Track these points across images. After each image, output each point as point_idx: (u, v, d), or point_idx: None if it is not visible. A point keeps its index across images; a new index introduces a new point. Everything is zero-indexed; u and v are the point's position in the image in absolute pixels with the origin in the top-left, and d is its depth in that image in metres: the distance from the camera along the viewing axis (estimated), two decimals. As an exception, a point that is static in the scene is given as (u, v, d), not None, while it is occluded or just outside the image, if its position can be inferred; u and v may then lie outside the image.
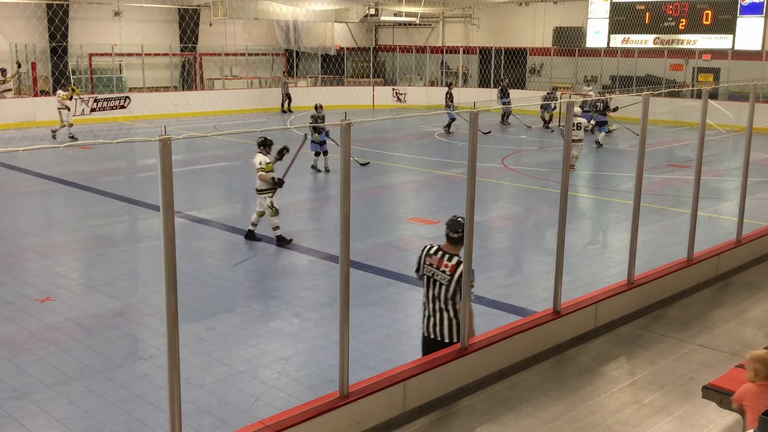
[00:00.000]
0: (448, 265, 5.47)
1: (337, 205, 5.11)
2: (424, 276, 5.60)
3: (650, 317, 7.97)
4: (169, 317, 4.25)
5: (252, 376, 6.44)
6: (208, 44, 30.35)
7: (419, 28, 35.15)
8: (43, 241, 10.88)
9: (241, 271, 9.47)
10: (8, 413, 5.79)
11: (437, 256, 5.54)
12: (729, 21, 26.44)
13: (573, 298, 7.64)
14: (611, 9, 29.09)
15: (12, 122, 22.56)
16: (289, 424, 4.97)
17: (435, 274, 5.52)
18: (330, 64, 33.53)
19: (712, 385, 5.34)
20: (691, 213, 8.92)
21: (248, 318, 7.81)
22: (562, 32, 30.73)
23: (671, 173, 16.78)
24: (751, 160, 9.83)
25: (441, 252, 5.55)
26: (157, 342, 7.10)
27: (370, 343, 7.08)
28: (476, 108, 5.89)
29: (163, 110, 25.45)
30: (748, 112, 9.42)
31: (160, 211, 4.13)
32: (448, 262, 5.48)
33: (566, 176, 6.93)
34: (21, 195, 14.40)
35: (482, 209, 12.53)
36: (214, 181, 16.32)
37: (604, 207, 13.95)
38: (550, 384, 6.32)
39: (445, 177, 16.40)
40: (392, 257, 10.11)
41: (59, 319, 7.68)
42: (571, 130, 7.40)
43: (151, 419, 5.70)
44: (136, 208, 13.08)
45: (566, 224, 7.05)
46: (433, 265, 5.53)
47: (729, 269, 9.42)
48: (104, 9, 26.96)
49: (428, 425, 5.64)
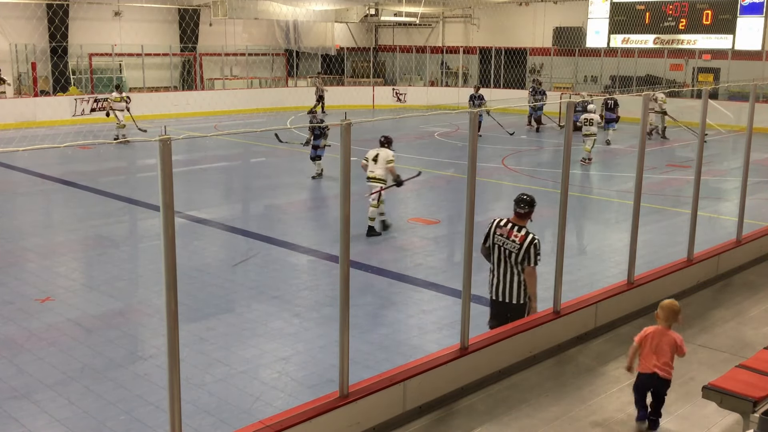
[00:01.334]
0: (517, 236, 6.23)
1: (336, 206, 5.11)
2: (493, 245, 6.30)
3: (650, 317, 7.94)
4: (169, 317, 4.25)
5: (252, 376, 6.44)
6: (208, 44, 30.36)
7: (419, 28, 35.15)
8: (43, 241, 10.88)
9: (241, 271, 9.47)
10: (8, 413, 5.79)
11: (507, 227, 6.29)
12: (729, 21, 26.44)
13: (573, 298, 7.64)
14: (611, 9, 29.09)
15: (12, 122, 22.56)
16: (289, 424, 4.97)
17: (505, 243, 6.25)
18: (330, 64, 33.54)
19: (712, 385, 5.33)
20: (691, 213, 8.92)
21: (248, 318, 7.80)
22: (562, 32, 30.73)
23: (671, 173, 16.79)
24: (751, 160, 9.83)
25: (510, 224, 6.30)
26: (157, 342, 7.10)
27: (370, 343, 7.08)
28: (476, 109, 5.89)
29: (163, 110, 25.44)
30: (748, 112, 9.42)
31: (160, 211, 4.13)
32: (517, 233, 6.24)
33: (566, 176, 6.93)
34: (21, 195, 14.40)
35: (482, 209, 12.52)
36: (214, 181, 16.32)
37: (604, 207, 13.94)
38: (550, 384, 6.32)
39: (445, 177, 16.39)
40: (392, 257, 10.10)
41: (59, 319, 7.68)
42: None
43: (151, 419, 5.70)
44: (136, 208, 13.08)
45: (566, 224, 7.06)
46: (504, 236, 6.27)
47: (729, 269, 9.42)
48: (104, 9, 26.96)
49: (428, 425, 5.64)
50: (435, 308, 8.14)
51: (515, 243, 6.21)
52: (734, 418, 5.48)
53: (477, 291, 7.88)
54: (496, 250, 6.30)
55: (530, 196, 6.38)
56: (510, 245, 6.23)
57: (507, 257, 6.25)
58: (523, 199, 6.31)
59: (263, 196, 14.60)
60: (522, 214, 6.30)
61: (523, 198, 6.32)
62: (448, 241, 10.88)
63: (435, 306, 8.22)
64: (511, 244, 6.22)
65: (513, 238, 6.23)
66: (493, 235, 6.31)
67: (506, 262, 6.26)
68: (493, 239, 6.32)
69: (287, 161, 18.62)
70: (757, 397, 5.11)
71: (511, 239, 6.23)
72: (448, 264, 9.63)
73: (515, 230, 6.26)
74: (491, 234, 6.33)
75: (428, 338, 7.22)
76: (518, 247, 6.20)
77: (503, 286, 6.33)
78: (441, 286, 8.77)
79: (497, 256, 6.30)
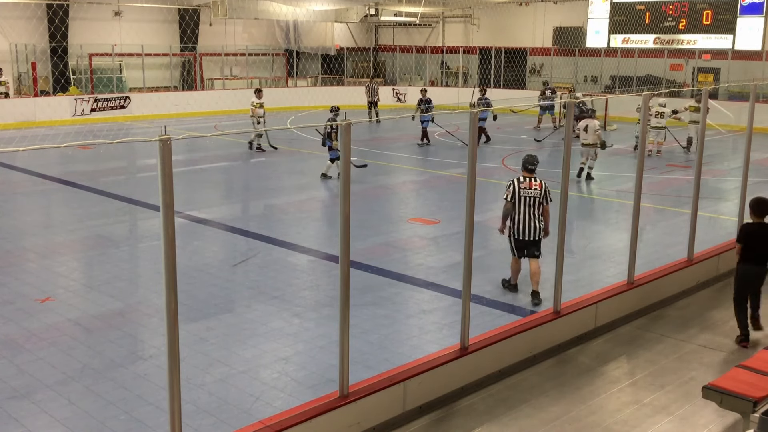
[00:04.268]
0: (535, 185, 8.13)
1: (337, 206, 5.11)
2: (520, 198, 8.07)
3: (650, 317, 7.97)
4: (169, 317, 4.25)
5: (252, 376, 6.44)
6: (208, 44, 30.36)
7: (419, 28, 35.15)
8: (43, 241, 10.88)
9: (241, 271, 9.47)
10: (8, 413, 5.79)
11: (527, 181, 8.15)
12: (729, 21, 26.44)
13: (573, 298, 7.64)
14: (611, 9, 29.09)
15: (12, 122, 22.56)
16: (289, 424, 4.98)
17: (529, 193, 8.09)
18: (330, 64, 33.53)
19: (712, 385, 5.34)
20: (691, 213, 8.92)
21: (248, 318, 7.80)
22: (562, 32, 30.73)
23: (671, 173, 16.78)
24: (751, 160, 9.84)
25: (527, 178, 8.17)
26: (157, 342, 7.10)
27: (370, 343, 7.08)
28: (476, 109, 5.89)
29: (163, 110, 25.44)
30: (748, 112, 9.43)
31: (161, 211, 4.13)
32: (534, 183, 8.15)
33: (566, 176, 6.94)
34: (21, 195, 14.40)
35: (482, 209, 12.52)
36: (214, 181, 16.32)
37: (605, 207, 13.94)
38: (550, 384, 6.32)
39: (445, 177, 16.40)
40: (392, 257, 10.10)
41: (59, 319, 7.68)
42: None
43: (151, 419, 5.70)
44: (136, 208, 13.08)
45: (566, 224, 7.06)
46: (527, 188, 8.11)
47: (729, 269, 9.41)
48: (104, 9, 26.96)
49: (428, 425, 5.64)
50: (435, 308, 8.14)
51: (538, 191, 8.10)
52: (734, 418, 5.48)
53: (477, 291, 7.90)
54: (522, 201, 8.09)
55: (535, 155, 8.37)
56: (534, 193, 8.09)
57: (532, 204, 8.08)
58: (532, 159, 8.31)
59: (263, 196, 14.60)
60: (532, 170, 8.23)
61: (532, 158, 8.34)
62: (448, 241, 10.88)
63: (435, 306, 8.22)
64: (534, 192, 8.09)
65: (535, 187, 8.11)
66: (518, 190, 8.09)
67: (531, 207, 8.08)
68: (520, 193, 8.09)
69: (287, 161, 18.62)
70: (757, 397, 5.12)
71: (533, 188, 8.10)
72: (448, 264, 9.63)
73: (533, 181, 8.15)
74: (517, 190, 8.09)
75: (428, 338, 7.22)
76: (540, 193, 8.10)
77: (530, 227, 8.10)
78: (441, 286, 8.76)
79: (524, 205, 8.09)
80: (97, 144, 4.50)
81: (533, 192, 8.08)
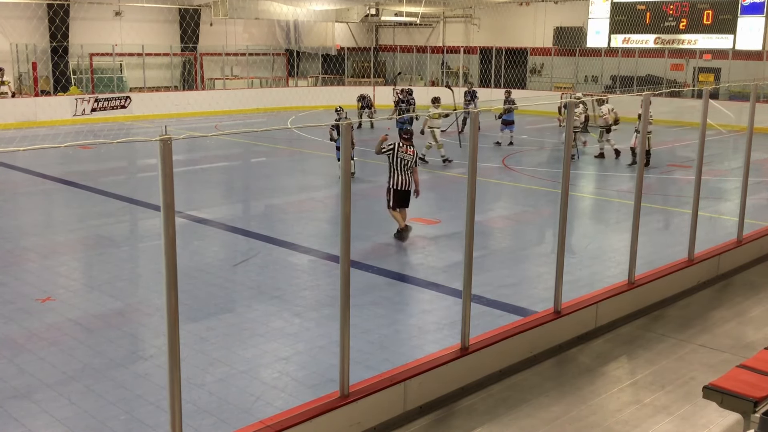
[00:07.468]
0: (409, 151, 10.58)
1: (337, 205, 5.11)
2: (398, 159, 10.48)
3: (651, 317, 7.97)
4: (169, 316, 4.25)
5: (252, 376, 6.44)
6: (209, 44, 30.36)
7: (420, 28, 35.15)
8: (43, 241, 10.88)
9: (242, 271, 9.47)
10: (9, 413, 5.79)
11: (404, 147, 10.56)
12: (730, 21, 26.44)
13: (573, 298, 7.64)
14: (612, 9, 29.09)
15: (12, 122, 22.57)
16: (290, 424, 4.98)
17: (405, 157, 10.50)
18: (330, 64, 33.53)
19: (712, 385, 5.33)
20: (691, 213, 8.92)
21: (249, 318, 7.80)
22: (563, 32, 30.73)
23: (672, 173, 16.78)
24: (751, 160, 9.84)
25: (405, 145, 10.61)
26: (158, 342, 7.10)
27: (371, 343, 7.07)
28: (477, 108, 5.89)
29: (163, 110, 25.45)
30: (749, 112, 9.42)
31: (161, 211, 4.13)
32: (410, 149, 10.60)
33: (566, 176, 6.93)
34: (21, 195, 14.40)
35: (483, 209, 12.52)
36: (215, 181, 16.32)
37: (605, 207, 13.94)
38: (550, 384, 6.32)
39: (445, 177, 16.40)
40: (392, 257, 10.10)
41: (60, 319, 7.68)
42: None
43: (151, 419, 5.70)
44: (136, 208, 13.08)
45: (567, 224, 7.06)
46: (404, 152, 10.53)
47: (730, 269, 9.42)
48: (105, 9, 26.97)
49: (428, 425, 5.64)
50: (435, 308, 8.14)
51: (411, 156, 10.56)
52: (735, 418, 5.48)
53: (477, 291, 7.90)
54: (400, 162, 10.48)
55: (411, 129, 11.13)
56: (408, 158, 10.52)
57: (406, 165, 10.52)
58: (408, 130, 10.93)
59: (263, 196, 14.60)
60: (407, 139, 10.67)
61: (409, 129, 11.01)
62: (448, 241, 10.88)
63: (435, 306, 8.22)
64: (409, 157, 10.53)
65: (410, 153, 10.55)
66: (397, 152, 10.49)
67: (405, 167, 10.52)
68: (397, 155, 10.47)
69: (287, 161, 18.63)
70: (757, 397, 5.11)
71: (409, 154, 10.54)
72: (449, 264, 9.63)
73: (408, 148, 10.60)
74: (396, 152, 10.49)
75: (428, 338, 7.22)
76: (413, 157, 10.58)
77: (404, 181, 10.57)
78: (441, 286, 8.76)
79: (401, 165, 10.50)
80: (97, 144, 4.50)
81: (407, 157, 10.49)
